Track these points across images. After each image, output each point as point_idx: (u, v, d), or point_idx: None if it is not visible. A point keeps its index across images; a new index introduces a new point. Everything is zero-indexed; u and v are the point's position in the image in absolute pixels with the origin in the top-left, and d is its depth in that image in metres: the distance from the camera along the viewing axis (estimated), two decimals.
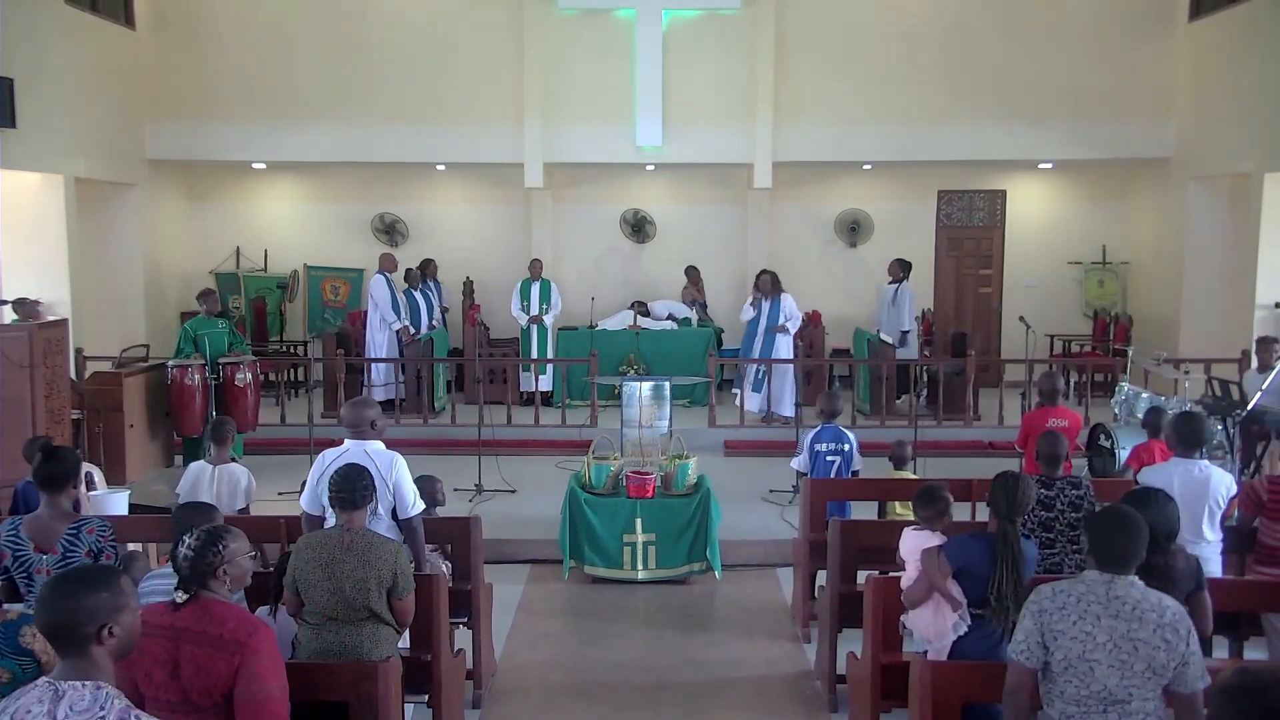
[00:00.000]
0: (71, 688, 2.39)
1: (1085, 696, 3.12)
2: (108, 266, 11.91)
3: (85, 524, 4.05)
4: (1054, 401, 7.21)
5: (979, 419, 10.98)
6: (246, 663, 3.02)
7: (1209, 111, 11.66)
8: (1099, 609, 3.12)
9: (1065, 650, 3.13)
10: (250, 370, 9.64)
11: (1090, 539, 3.27)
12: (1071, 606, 3.15)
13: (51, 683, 2.41)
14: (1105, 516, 3.31)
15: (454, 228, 13.80)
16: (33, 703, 2.37)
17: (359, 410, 5.03)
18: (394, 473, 4.84)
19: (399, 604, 4.08)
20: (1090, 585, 3.18)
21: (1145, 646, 3.09)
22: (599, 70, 12.38)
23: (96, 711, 2.37)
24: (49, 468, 4.09)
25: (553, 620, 6.72)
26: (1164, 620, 3.11)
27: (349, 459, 4.77)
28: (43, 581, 3.94)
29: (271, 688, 3.08)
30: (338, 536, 4.06)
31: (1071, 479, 5.01)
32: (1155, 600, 3.15)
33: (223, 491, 5.92)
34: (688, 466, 7.35)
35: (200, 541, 3.20)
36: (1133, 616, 3.11)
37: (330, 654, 3.97)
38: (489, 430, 9.32)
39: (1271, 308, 10.72)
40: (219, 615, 3.09)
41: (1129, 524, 3.24)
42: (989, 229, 14.02)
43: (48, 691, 2.39)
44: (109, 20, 11.58)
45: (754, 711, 5.49)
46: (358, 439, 4.94)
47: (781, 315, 10.83)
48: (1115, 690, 3.10)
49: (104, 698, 2.40)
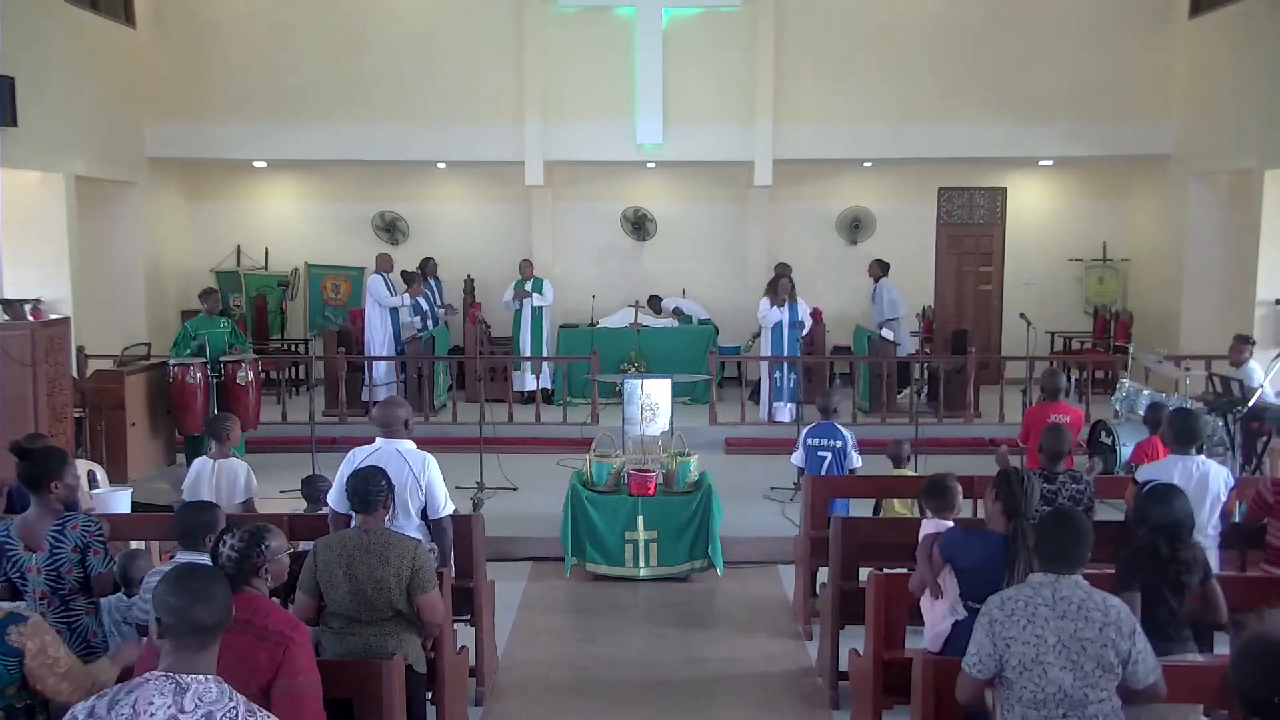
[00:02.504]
0: (196, 681, 2.40)
1: (1043, 700, 3.15)
2: (108, 265, 11.91)
3: (70, 520, 4.05)
4: (1056, 397, 7.24)
5: (979, 416, 10.99)
6: (290, 656, 3.10)
7: (1209, 108, 11.66)
8: (1046, 610, 3.17)
9: (1019, 655, 3.17)
10: (251, 368, 9.64)
11: (1036, 540, 3.35)
12: (1020, 611, 3.19)
13: (170, 675, 2.40)
14: (1051, 518, 3.38)
15: (454, 226, 13.80)
16: (153, 695, 2.36)
17: (391, 410, 5.04)
18: (426, 472, 4.86)
19: (419, 599, 4.05)
20: (1036, 588, 3.23)
21: (1093, 645, 3.13)
22: (599, 68, 12.38)
23: (226, 702, 2.40)
24: (24, 468, 4.09)
25: (554, 617, 6.73)
26: (1109, 619, 3.16)
27: (380, 457, 4.79)
28: (36, 580, 3.95)
29: (311, 681, 3.18)
30: (356, 537, 4.07)
31: (1073, 473, 5.03)
32: (1100, 599, 3.20)
33: (222, 486, 5.93)
34: (689, 464, 7.36)
35: (244, 542, 3.30)
36: (1078, 616, 3.15)
37: (355, 656, 3.98)
38: (490, 428, 9.33)
39: (1272, 304, 10.73)
40: (263, 608, 3.19)
41: (1074, 525, 3.30)
42: (989, 226, 14.02)
43: (167, 684, 2.39)
44: (109, 19, 11.57)
45: (755, 708, 5.50)
46: (389, 438, 4.95)
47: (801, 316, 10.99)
48: (1071, 690, 3.13)
49: (229, 691, 2.43)
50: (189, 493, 5.87)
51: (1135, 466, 6.45)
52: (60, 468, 4.11)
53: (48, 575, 3.97)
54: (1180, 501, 4.01)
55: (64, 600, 4.02)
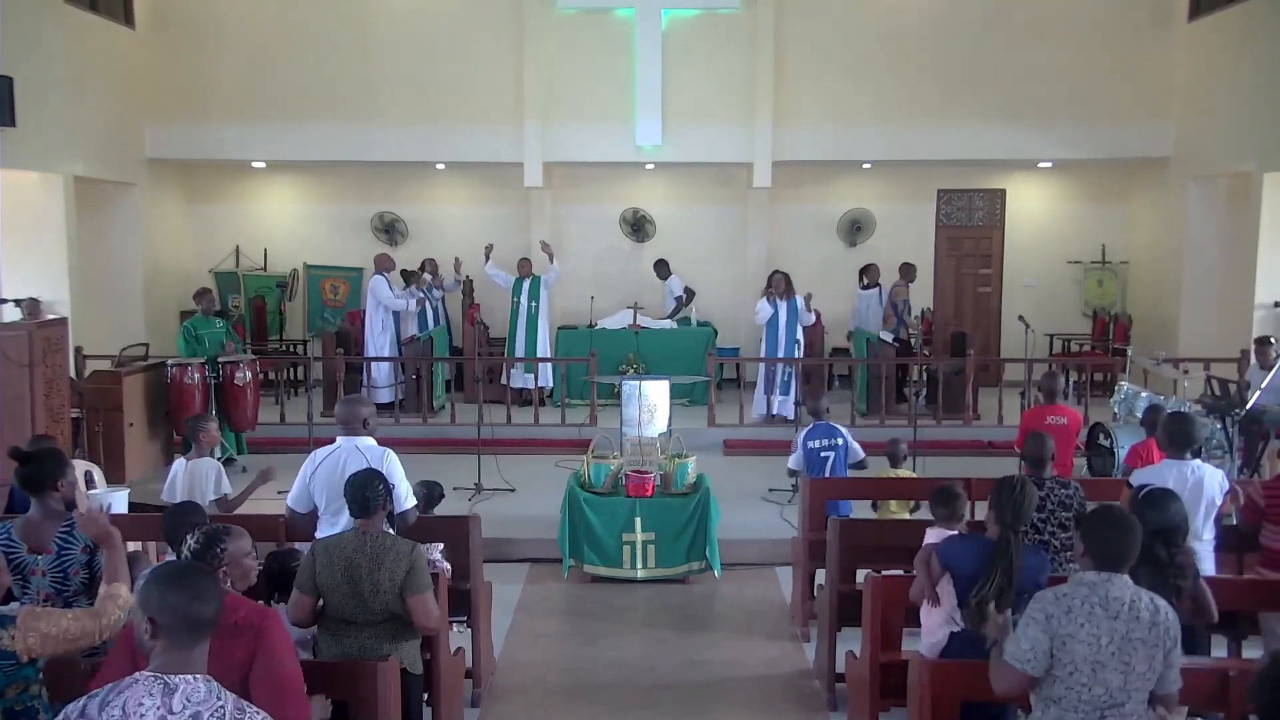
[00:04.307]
0: (184, 681, 2.39)
1: (1087, 700, 3.11)
2: (107, 266, 11.91)
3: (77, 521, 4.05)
4: (1053, 400, 7.23)
5: (978, 418, 10.99)
6: (262, 643, 3.09)
7: (1208, 111, 11.66)
8: (1100, 611, 3.11)
9: (1073, 654, 3.11)
10: (250, 369, 9.64)
11: (1087, 540, 3.26)
12: (1077, 609, 3.13)
13: (157, 676, 2.39)
14: (1102, 516, 3.31)
15: (453, 227, 13.79)
16: (142, 696, 2.35)
17: (352, 407, 5.05)
18: (384, 467, 4.82)
19: (409, 600, 4.01)
20: (1091, 587, 3.17)
21: (1144, 646, 3.10)
22: (598, 69, 12.38)
23: (214, 702, 2.38)
24: (25, 472, 4.08)
25: (552, 619, 6.72)
26: (1158, 620, 3.13)
27: (340, 455, 4.81)
28: (40, 583, 3.94)
29: (287, 663, 3.17)
30: (354, 540, 4.06)
31: (1060, 479, 5.00)
32: (1148, 600, 3.17)
33: (194, 486, 6.03)
34: (687, 466, 7.36)
35: (200, 544, 3.28)
36: (1130, 616, 3.11)
37: (351, 658, 3.98)
38: (488, 429, 9.33)
39: (1271, 307, 10.73)
40: (230, 605, 3.15)
41: (1126, 524, 3.25)
42: (988, 228, 14.02)
43: (155, 684, 2.37)
44: (109, 19, 11.58)
45: (753, 711, 5.49)
46: (349, 435, 4.95)
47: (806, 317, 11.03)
48: (1117, 693, 3.10)
49: (217, 689, 2.42)
50: (166, 494, 6.05)
51: (1131, 469, 6.45)
52: (62, 468, 4.11)
53: (53, 577, 3.95)
54: (1176, 506, 4.01)
55: (67, 603, 4.00)
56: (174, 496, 5.94)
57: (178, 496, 5.90)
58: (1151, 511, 3.95)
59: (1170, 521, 3.92)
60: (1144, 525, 3.90)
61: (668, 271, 13.18)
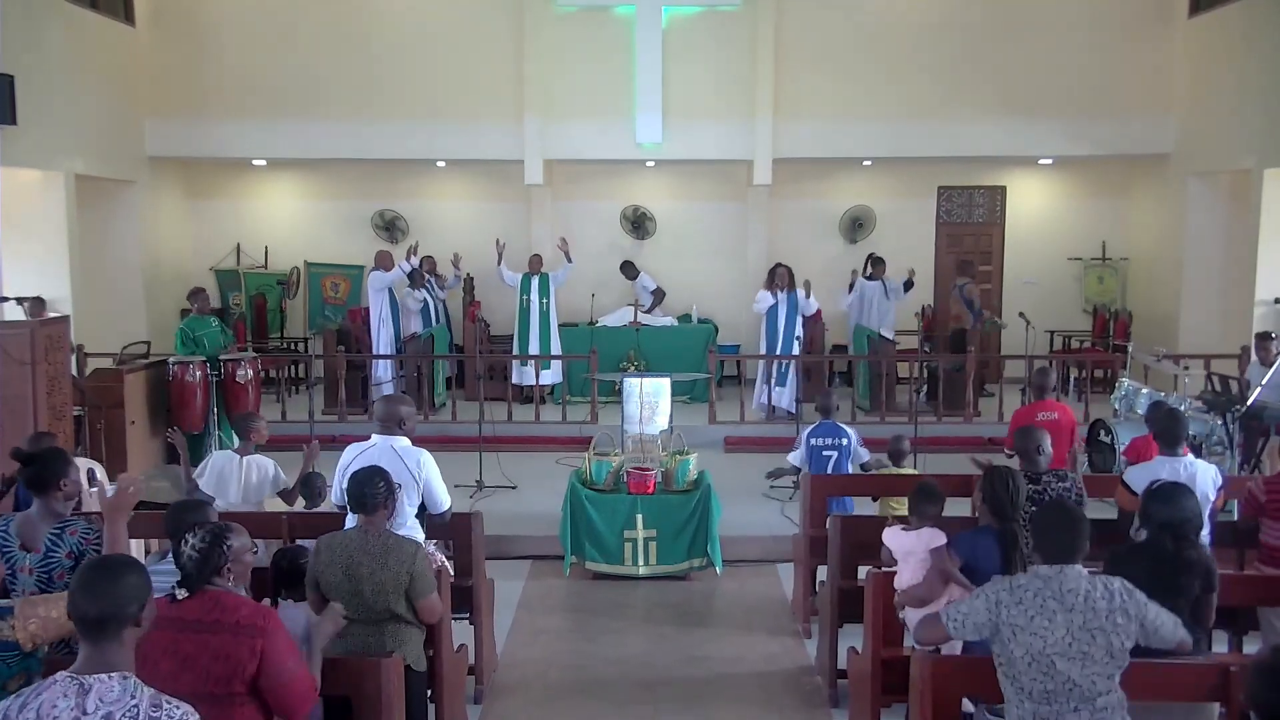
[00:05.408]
0: (98, 680, 2.37)
1: (1052, 692, 3.17)
2: (108, 263, 11.92)
3: (69, 525, 4.04)
4: (1043, 395, 7.21)
5: (979, 415, 11.00)
6: (268, 646, 3.11)
7: (1209, 107, 11.66)
8: (1054, 604, 3.18)
9: (1026, 646, 3.18)
10: (251, 367, 9.64)
11: (1035, 535, 3.36)
12: (1029, 601, 3.20)
13: (74, 676, 2.38)
14: (1048, 511, 3.40)
15: (454, 225, 13.78)
16: (57, 697, 2.34)
17: (391, 406, 5.03)
18: (423, 470, 4.84)
19: (419, 604, 4.08)
20: (1045, 580, 3.23)
21: (1102, 634, 3.16)
22: (599, 67, 12.38)
23: (127, 701, 2.36)
24: (29, 472, 4.10)
25: (553, 616, 6.73)
26: (1113, 605, 3.19)
27: (374, 454, 4.77)
28: (27, 581, 3.95)
29: (293, 666, 3.19)
30: (357, 539, 4.06)
31: (1058, 472, 5.00)
32: (1101, 586, 3.22)
33: (252, 479, 5.98)
34: (688, 463, 7.36)
35: (205, 542, 3.26)
36: (1085, 607, 3.17)
37: (354, 655, 3.98)
38: (489, 427, 9.33)
39: (1271, 303, 10.73)
40: (231, 604, 3.18)
41: (1070, 517, 3.33)
42: (989, 225, 14.03)
43: (71, 685, 2.36)
44: (109, 17, 11.58)
45: (754, 707, 5.50)
46: (386, 434, 4.93)
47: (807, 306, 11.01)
48: (1080, 681, 3.15)
49: (133, 686, 2.39)
50: (214, 489, 5.89)
51: (1130, 462, 6.45)
52: (66, 467, 4.13)
53: (39, 577, 3.96)
54: (1187, 501, 3.91)
55: None
56: (225, 492, 5.86)
57: (230, 492, 5.86)
58: (1157, 505, 3.90)
59: (1179, 515, 3.85)
60: (1150, 519, 3.90)
61: (635, 271, 13.22)
